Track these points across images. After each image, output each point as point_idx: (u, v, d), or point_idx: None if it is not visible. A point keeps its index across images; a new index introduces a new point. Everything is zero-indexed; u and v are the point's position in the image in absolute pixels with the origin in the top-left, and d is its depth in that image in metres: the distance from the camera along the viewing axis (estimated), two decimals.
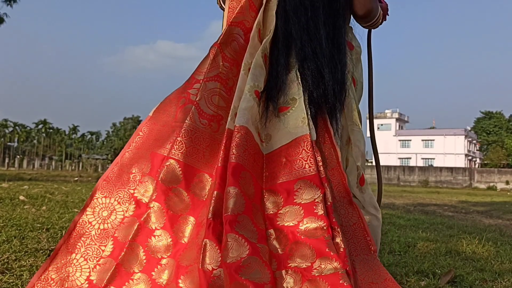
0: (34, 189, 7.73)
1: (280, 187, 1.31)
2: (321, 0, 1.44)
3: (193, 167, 1.35)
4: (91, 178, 23.58)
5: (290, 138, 1.34)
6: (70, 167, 73.73)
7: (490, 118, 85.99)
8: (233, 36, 1.45)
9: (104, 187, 1.39)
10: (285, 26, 1.44)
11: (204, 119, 1.39)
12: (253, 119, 1.33)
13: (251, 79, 1.35)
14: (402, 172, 54.32)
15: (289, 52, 1.44)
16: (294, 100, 1.39)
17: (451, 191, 31.90)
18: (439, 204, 13.98)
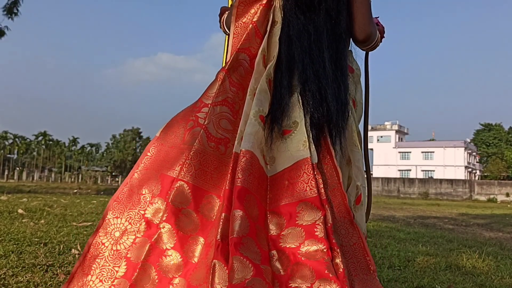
0: (33, 202, 7.71)
1: (283, 209, 1.34)
2: (324, 25, 1.50)
3: (201, 188, 1.39)
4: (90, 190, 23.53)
5: (292, 161, 1.38)
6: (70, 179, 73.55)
7: (490, 130, 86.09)
8: (240, 62, 1.50)
9: (115, 208, 1.42)
10: (288, 50, 1.48)
11: (212, 142, 1.43)
12: (258, 143, 1.37)
13: (256, 104, 1.40)
14: (402, 184, 54.21)
15: (292, 74, 1.47)
16: (296, 123, 1.43)
17: (451, 203, 31.82)
18: (439, 216, 13.93)
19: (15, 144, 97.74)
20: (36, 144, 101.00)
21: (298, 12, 1.51)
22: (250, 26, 1.53)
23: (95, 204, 7.93)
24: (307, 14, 1.51)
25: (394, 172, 73.60)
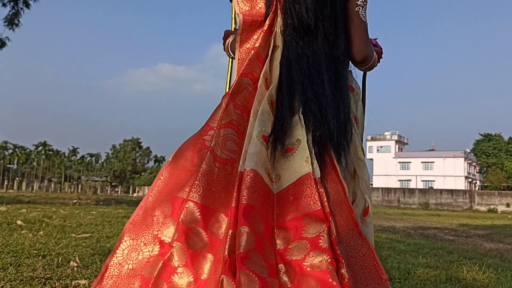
0: (32, 212, 7.69)
1: (289, 223, 1.40)
2: (322, 48, 1.57)
3: (210, 208, 1.46)
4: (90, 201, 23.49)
5: (295, 177, 1.44)
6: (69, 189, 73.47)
7: (490, 140, 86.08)
8: (243, 85, 1.59)
9: (131, 230, 1.51)
10: (288, 73, 1.55)
11: (218, 163, 1.50)
12: (261, 161, 1.43)
13: (259, 124, 1.47)
14: (402, 194, 54.13)
15: (292, 96, 1.54)
16: (298, 141, 1.48)
17: (452, 214, 31.74)
18: (439, 227, 13.90)
19: (15, 154, 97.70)
20: (36, 154, 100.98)
21: (297, 37, 1.58)
22: (252, 52, 1.60)
23: (94, 215, 7.91)
24: (306, 39, 1.58)
25: (394, 182, 73.51)
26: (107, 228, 5.97)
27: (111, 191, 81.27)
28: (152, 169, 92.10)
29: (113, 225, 6.35)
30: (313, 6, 1.56)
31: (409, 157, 77.11)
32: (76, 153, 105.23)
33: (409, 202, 52.61)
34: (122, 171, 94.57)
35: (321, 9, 1.57)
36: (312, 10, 1.56)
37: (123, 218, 7.47)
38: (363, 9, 1.64)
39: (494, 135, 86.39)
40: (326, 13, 1.57)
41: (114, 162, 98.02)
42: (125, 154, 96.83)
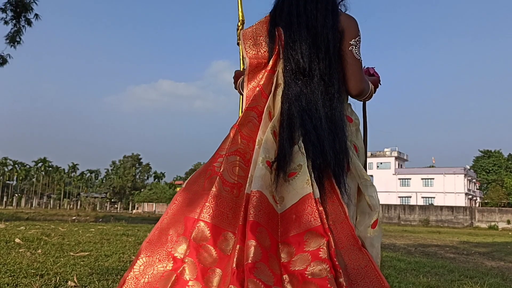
0: (30, 230, 7.66)
1: (292, 239, 1.55)
2: (318, 87, 1.76)
3: (219, 227, 1.61)
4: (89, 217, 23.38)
5: (297, 197, 1.61)
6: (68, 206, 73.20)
7: (489, 157, 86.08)
8: (249, 118, 1.79)
9: (147, 248, 1.66)
10: (288, 109, 1.76)
11: (227, 187, 1.66)
12: (266, 184, 1.60)
13: (263, 151, 1.66)
14: (402, 211, 53.95)
15: (292, 129, 1.73)
16: (300, 166, 1.66)
17: (452, 231, 31.59)
18: (440, 245, 13.82)
19: (15, 170, 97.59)
20: (35, 170, 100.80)
21: (295, 79, 1.79)
22: (257, 89, 1.83)
23: (93, 233, 7.87)
24: (303, 80, 1.78)
25: (394, 198, 73.32)
26: (105, 246, 5.94)
27: (110, 207, 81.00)
28: (152, 185, 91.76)
29: (111, 243, 6.32)
30: (308, 52, 1.78)
31: (409, 173, 77.02)
32: (75, 170, 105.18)
33: (409, 218, 52.41)
34: (121, 188, 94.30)
35: (316, 53, 1.78)
36: (307, 56, 1.78)
37: (121, 236, 7.43)
38: (356, 48, 1.83)
39: (493, 152, 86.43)
40: (321, 57, 1.77)
41: (113, 178, 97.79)
42: (125, 171, 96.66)
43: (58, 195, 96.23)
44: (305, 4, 1.84)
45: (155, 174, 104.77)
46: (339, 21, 1.82)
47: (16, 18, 15.42)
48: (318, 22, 1.80)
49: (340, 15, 1.85)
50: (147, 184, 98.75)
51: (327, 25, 1.79)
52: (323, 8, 1.82)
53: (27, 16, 15.53)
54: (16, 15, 15.40)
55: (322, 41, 1.78)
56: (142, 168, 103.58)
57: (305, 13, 1.82)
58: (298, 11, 1.84)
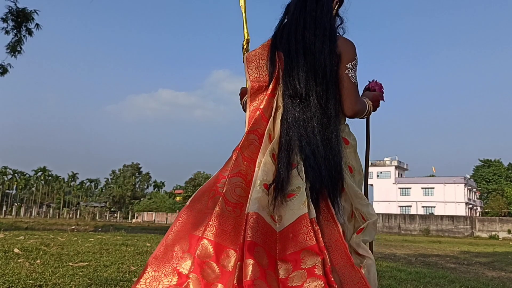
0: (29, 240, 7.63)
1: (289, 257, 1.65)
2: (315, 111, 1.86)
3: (221, 244, 1.71)
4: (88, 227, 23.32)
5: (294, 217, 1.69)
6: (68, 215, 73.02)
7: (489, 166, 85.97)
8: (250, 141, 1.89)
9: (154, 263, 1.74)
10: (287, 133, 1.85)
11: (229, 207, 1.76)
12: (263, 205, 1.70)
13: (261, 174, 1.76)
14: (403, 220, 53.80)
15: (291, 152, 1.83)
16: (299, 188, 1.75)
17: (453, 241, 31.49)
18: (441, 255, 13.77)
19: (14, 179, 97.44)
20: (35, 179, 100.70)
21: (293, 103, 1.88)
22: (258, 112, 1.93)
23: (92, 242, 7.84)
24: (301, 105, 1.88)
25: (394, 208, 73.13)
26: (104, 256, 5.92)
27: (110, 216, 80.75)
28: (152, 194, 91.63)
29: (110, 253, 6.29)
30: (305, 77, 1.87)
31: (409, 183, 76.90)
32: (75, 179, 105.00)
33: (409, 228, 52.26)
34: (121, 197, 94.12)
35: (314, 78, 1.87)
36: (304, 81, 1.87)
37: (121, 246, 7.40)
38: (352, 71, 1.92)
39: (493, 161, 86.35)
40: (318, 81, 1.86)
41: (113, 187, 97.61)
42: (125, 180, 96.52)
43: (58, 204, 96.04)
44: (303, 30, 1.93)
45: (155, 183, 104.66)
46: (336, 46, 1.91)
47: (17, 28, 15.47)
48: (316, 48, 1.88)
49: (338, 40, 1.93)
50: (147, 193, 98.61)
51: (325, 51, 1.88)
52: (321, 34, 1.90)
53: (28, 26, 15.58)
54: (17, 25, 15.45)
55: (319, 66, 1.86)
56: (142, 177, 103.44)
57: (303, 39, 1.91)
58: (296, 37, 1.93)
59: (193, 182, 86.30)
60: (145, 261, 5.63)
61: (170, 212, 74.06)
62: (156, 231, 21.02)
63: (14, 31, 15.47)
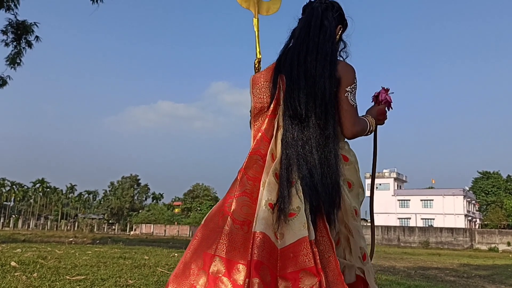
0: (27, 252, 7.58)
1: (289, 275, 1.78)
2: (314, 131, 1.96)
3: (232, 260, 1.84)
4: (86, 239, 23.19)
5: (295, 238, 1.81)
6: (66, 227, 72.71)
7: (488, 178, 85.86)
8: (254, 161, 2.01)
9: (174, 281, 1.93)
10: (286, 152, 1.96)
11: (237, 225, 1.89)
12: (268, 224, 1.83)
13: (266, 194, 1.89)
14: (402, 232, 53.66)
15: (290, 171, 1.93)
16: (298, 208, 1.86)
17: (453, 253, 31.37)
18: (440, 267, 13.71)
19: (12, 191, 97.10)
20: (33, 191, 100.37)
21: (293, 124, 1.99)
22: (259, 134, 2.06)
23: (89, 255, 7.79)
24: (300, 125, 1.98)
25: (393, 220, 72.92)
26: (102, 269, 5.88)
27: (108, 229, 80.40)
28: (150, 206, 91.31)
29: (108, 266, 6.25)
30: (305, 99, 1.97)
31: (408, 194, 76.79)
32: (73, 191, 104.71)
33: (409, 240, 52.12)
34: (119, 209, 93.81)
35: (313, 100, 1.97)
36: (304, 103, 1.97)
37: (118, 259, 7.35)
38: (351, 94, 2.03)
39: (492, 173, 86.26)
40: (318, 103, 1.96)
41: (111, 199, 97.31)
42: (123, 191, 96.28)
43: (56, 216, 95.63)
44: (305, 55, 2.04)
45: (154, 195, 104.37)
46: (336, 70, 2.02)
47: (16, 40, 15.54)
48: (317, 72, 1.99)
49: (338, 64, 2.05)
50: (145, 205, 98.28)
51: (325, 75, 1.99)
52: (322, 59, 2.02)
53: (27, 38, 15.66)
54: (17, 37, 15.52)
55: (319, 89, 1.97)
56: (141, 189, 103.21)
57: (305, 63, 2.02)
58: (299, 62, 2.04)
59: (191, 194, 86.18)
60: (143, 274, 5.60)
61: (169, 224, 73.73)
62: (154, 244, 20.94)
63: (14, 43, 15.53)
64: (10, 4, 14.86)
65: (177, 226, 71.51)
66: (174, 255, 9.26)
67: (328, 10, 2.17)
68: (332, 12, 2.18)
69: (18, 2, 14.97)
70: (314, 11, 2.16)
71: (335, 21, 2.18)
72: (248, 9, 2.71)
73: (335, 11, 2.19)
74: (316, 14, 2.14)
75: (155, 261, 7.34)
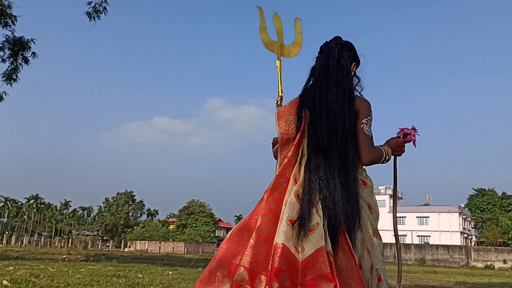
0: (19, 270, 7.50)
1: (308, 282, 1.98)
2: (335, 160, 2.20)
3: (255, 271, 2.06)
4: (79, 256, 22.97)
5: (313, 249, 2.03)
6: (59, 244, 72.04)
7: (483, 195, 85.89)
8: (279, 183, 2.27)
9: (200, 286, 2.12)
10: (309, 177, 2.20)
11: (261, 239, 2.13)
12: (288, 237, 2.06)
13: (287, 212, 2.13)
14: None
15: (312, 194, 2.16)
16: (317, 224, 2.09)
17: (449, 271, 31.25)
18: (436, 286, 13.64)
19: (6, 207, 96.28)
20: (27, 207, 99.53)
21: (316, 153, 2.23)
22: (286, 160, 2.31)
23: (83, 273, 7.72)
24: (323, 154, 2.22)
25: (389, 237, 72.22)
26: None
27: (102, 245, 79.71)
28: (145, 223, 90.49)
29: (101, 285, 6.19)
30: (327, 131, 2.22)
31: (404, 211, 76.63)
32: (68, 207, 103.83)
33: (405, 258, 51.90)
34: (114, 225, 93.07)
35: (334, 132, 2.21)
36: (326, 135, 2.21)
37: (112, 277, 7.28)
38: (367, 125, 2.29)
39: (487, 190, 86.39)
40: (339, 134, 2.21)
41: (106, 215, 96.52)
42: (118, 208, 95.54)
43: (49, 233, 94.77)
44: (326, 92, 2.29)
45: (149, 211, 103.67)
46: (354, 104, 2.28)
47: (13, 56, 15.57)
48: (337, 107, 2.25)
49: (356, 99, 2.32)
50: (140, 222, 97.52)
51: (344, 109, 2.25)
52: (341, 95, 2.28)
53: (24, 54, 15.69)
54: (14, 53, 15.55)
55: (340, 122, 2.22)
56: (136, 205, 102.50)
57: (326, 99, 2.28)
58: (320, 97, 2.29)
59: (187, 211, 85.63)
60: None
61: (164, 241, 73.18)
62: (149, 261, 20.73)
63: (10, 59, 15.56)
64: (8, 20, 14.93)
65: (172, 243, 71.01)
66: (168, 273, 9.18)
67: (343, 50, 2.42)
68: (347, 51, 2.43)
69: (16, 19, 15.04)
70: (331, 51, 2.41)
71: (350, 59, 2.43)
72: (272, 52, 3.03)
73: (349, 50, 2.45)
74: (333, 54, 2.39)
75: (149, 280, 7.27)
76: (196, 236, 76.79)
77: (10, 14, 14.88)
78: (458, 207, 73.64)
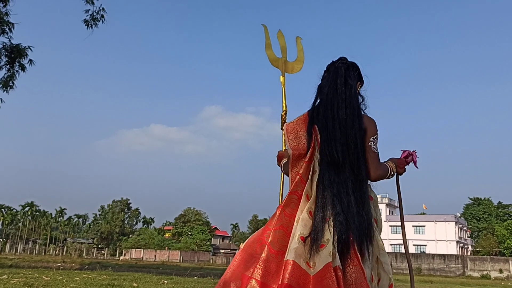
0: (13, 279, 7.45)
1: None
2: (349, 176, 2.29)
3: (266, 284, 2.15)
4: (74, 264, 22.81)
5: (322, 264, 2.10)
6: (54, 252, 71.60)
7: (479, 204, 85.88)
8: (291, 200, 2.35)
9: None
10: (322, 193, 2.28)
11: (272, 253, 2.22)
12: (299, 254, 2.14)
13: (299, 228, 2.20)
14: (394, 259, 53.28)
15: (325, 209, 2.23)
16: (328, 240, 2.16)
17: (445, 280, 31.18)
18: None
19: (1, 214, 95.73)
20: (22, 214, 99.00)
21: (329, 169, 2.31)
22: (297, 177, 2.37)
23: (77, 282, 7.66)
24: (336, 170, 2.30)
25: (385, 246, 71.97)
26: None
27: (97, 253, 79.22)
28: (141, 231, 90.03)
29: None
30: (341, 148, 2.29)
31: (400, 220, 76.47)
32: (63, 214, 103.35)
33: (401, 267, 51.72)
34: (109, 233, 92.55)
35: (347, 149, 2.29)
36: (340, 152, 2.29)
37: (106, 286, 7.24)
38: (374, 143, 2.38)
39: (483, 200, 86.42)
40: (351, 151, 2.30)
41: (101, 223, 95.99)
42: (113, 215, 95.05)
43: (44, 241, 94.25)
44: (337, 109, 2.37)
45: (144, 219, 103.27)
46: (363, 122, 2.37)
47: (10, 63, 15.56)
48: (348, 124, 2.33)
49: (363, 117, 2.40)
50: (136, 230, 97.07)
51: (355, 127, 2.34)
52: (351, 113, 2.36)
53: (21, 61, 15.68)
54: (11, 60, 15.55)
55: (351, 139, 2.31)
56: (131, 213, 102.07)
57: (338, 117, 2.35)
58: (332, 115, 2.37)
59: (182, 219, 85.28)
60: None
61: (159, 249, 72.78)
62: (144, 269, 20.61)
63: (7, 66, 15.54)
64: (5, 28, 14.94)
65: (167, 251, 70.59)
66: (164, 282, 9.12)
67: (349, 70, 2.51)
68: (353, 71, 2.53)
69: (13, 26, 15.06)
70: (338, 70, 2.49)
71: (355, 78, 2.52)
72: (277, 68, 3.16)
73: (354, 70, 2.54)
74: (340, 73, 2.48)
75: None
76: (192, 244, 76.33)
77: (7, 22, 14.91)
78: (454, 216, 73.65)
